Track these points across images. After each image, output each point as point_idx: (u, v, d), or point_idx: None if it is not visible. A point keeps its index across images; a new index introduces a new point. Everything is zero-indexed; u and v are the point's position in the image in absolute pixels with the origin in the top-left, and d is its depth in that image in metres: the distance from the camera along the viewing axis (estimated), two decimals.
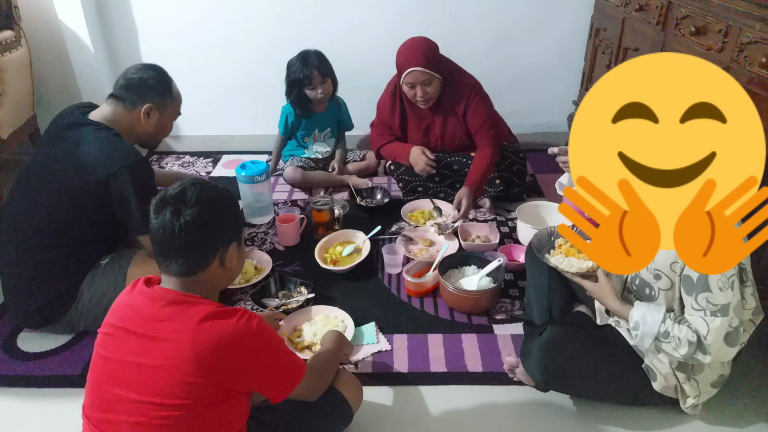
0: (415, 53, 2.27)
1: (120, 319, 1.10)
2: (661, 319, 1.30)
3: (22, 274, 1.73)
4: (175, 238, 1.08)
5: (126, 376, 1.06)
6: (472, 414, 1.56)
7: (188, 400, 1.03)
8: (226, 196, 1.18)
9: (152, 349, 1.04)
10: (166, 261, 1.11)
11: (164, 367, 1.03)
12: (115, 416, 1.06)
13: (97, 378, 1.10)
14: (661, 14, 2.02)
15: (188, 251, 1.10)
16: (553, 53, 2.97)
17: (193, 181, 1.14)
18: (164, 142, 3.23)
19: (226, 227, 1.16)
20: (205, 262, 1.12)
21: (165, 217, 1.08)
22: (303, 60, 2.57)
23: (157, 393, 1.03)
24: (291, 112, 2.73)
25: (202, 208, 1.09)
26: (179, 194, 1.10)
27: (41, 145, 1.78)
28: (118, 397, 1.05)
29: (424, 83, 2.30)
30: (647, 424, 1.51)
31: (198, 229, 1.08)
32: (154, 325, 1.05)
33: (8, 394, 1.64)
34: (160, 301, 1.08)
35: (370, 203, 2.56)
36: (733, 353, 1.29)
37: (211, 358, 1.03)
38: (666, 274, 1.33)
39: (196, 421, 1.06)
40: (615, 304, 1.40)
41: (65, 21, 2.79)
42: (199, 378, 1.03)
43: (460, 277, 1.97)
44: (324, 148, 2.84)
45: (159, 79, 1.78)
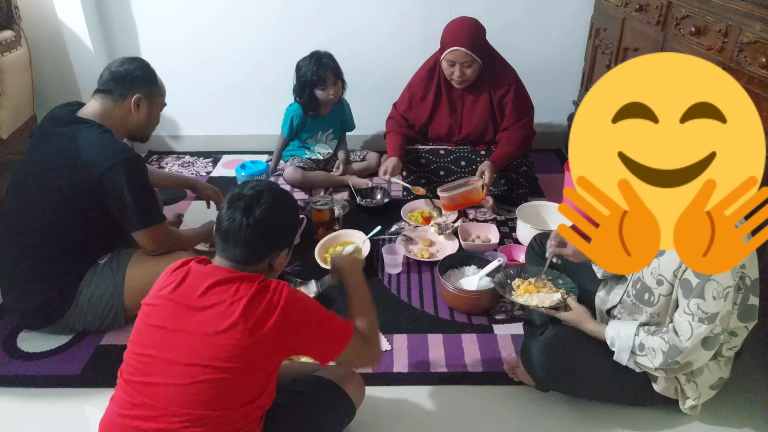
0: (461, 33, 2.30)
1: (170, 292, 1.15)
2: (635, 332, 1.35)
3: (19, 274, 1.73)
4: (239, 233, 1.17)
5: (175, 341, 1.11)
6: (472, 414, 1.56)
7: (236, 363, 1.09)
8: (293, 209, 1.29)
9: (204, 318, 1.11)
10: (225, 247, 1.19)
11: (214, 333, 1.09)
12: (158, 379, 1.11)
13: (140, 344, 1.15)
14: (661, 14, 2.02)
15: (246, 248, 1.18)
16: (553, 53, 2.97)
17: (270, 186, 1.24)
18: (164, 142, 3.25)
19: (285, 236, 1.25)
20: (257, 260, 1.21)
21: (236, 212, 1.17)
22: (317, 61, 2.57)
23: (206, 356, 1.09)
24: (297, 113, 2.72)
25: (270, 214, 1.18)
26: (255, 195, 1.19)
27: (33, 145, 1.77)
28: (166, 361, 1.11)
29: (464, 64, 2.32)
30: (647, 424, 1.51)
31: (260, 231, 1.18)
32: (206, 297, 1.13)
33: (8, 394, 1.64)
34: (213, 276, 1.15)
35: (370, 203, 2.56)
36: (708, 357, 1.31)
37: (259, 321, 1.10)
38: (668, 280, 1.33)
39: (237, 384, 1.11)
40: (592, 326, 1.45)
41: (65, 21, 2.79)
42: (248, 342, 1.09)
43: (460, 277, 1.97)
44: (326, 150, 2.84)
45: (144, 70, 1.79)
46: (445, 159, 2.54)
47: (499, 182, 2.51)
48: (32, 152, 1.75)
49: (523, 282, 1.65)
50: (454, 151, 2.55)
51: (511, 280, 1.69)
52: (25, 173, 1.73)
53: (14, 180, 1.76)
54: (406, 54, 2.90)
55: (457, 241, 2.25)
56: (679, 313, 1.29)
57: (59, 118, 1.72)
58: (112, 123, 1.73)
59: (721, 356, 1.40)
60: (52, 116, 1.75)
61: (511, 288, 1.67)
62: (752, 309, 1.32)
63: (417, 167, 2.58)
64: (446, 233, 2.27)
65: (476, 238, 2.26)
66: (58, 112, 1.75)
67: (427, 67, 2.51)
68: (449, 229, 2.28)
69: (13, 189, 1.75)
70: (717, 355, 1.40)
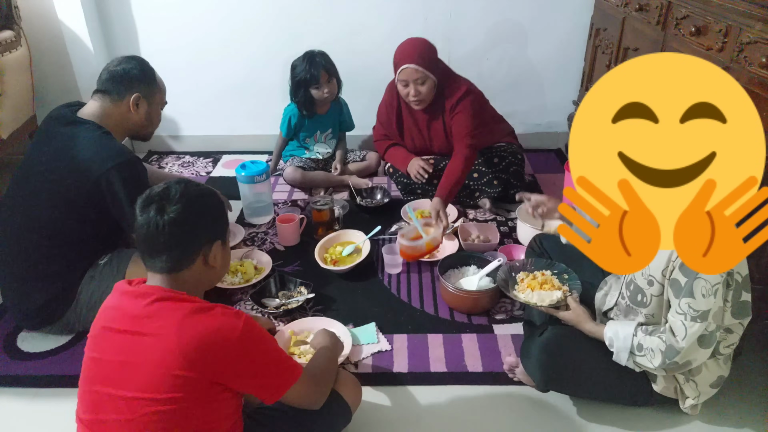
0: (410, 51, 2.29)
1: (106, 320, 1.11)
2: (633, 332, 1.34)
3: (19, 274, 1.73)
4: (159, 235, 1.10)
5: (115, 374, 1.07)
6: (472, 414, 1.56)
7: (178, 393, 1.04)
8: (210, 194, 1.20)
9: (139, 346, 1.05)
10: (151, 258, 1.13)
11: (152, 362, 1.04)
12: (106, 416, 1.07)
13: (87, 379, 1.11)
14: (661, 14, 2.01)
15: (172, 248, 1.11)
16: (553, 53, 2.97)
17: (178, 180, 1.17)
18: (164, 142, 3.25)
19: (210, 225, 1.17)
20: (189, 260, 1.14)
21: (149, 214, 1.10)
22: (309, 60, 2.57)
23: (146, 388, 1.04)
24: (294, 113, 2.73)
25: (185, 206, 1.11)
26: (163, 192, 1.13)
27: (33, 145, 1.77)
28: (109, 396, 1.06)
29: (417, 81, 2.30)
30: (647, 424, 1.51)
31: (181, 226, 1.10)
32: (141, 322, 1.07)
33: (8, 394, 1.64)
34: (146, 297, 1.09)
35: (370, 203, 2.56)
36: (706, 355, 1.30)
37: (196, 352, 1.04)
38: (658, 280, 1.33)
39: (185, 416, 1.06)
40: (590, 327, 1.45)
41: (65, 21, 2.79)
42: (187, 371, 1.04)
43: (460, 277, 1.97)
44: (325, 149, 2.84)
45: (143, 69, 1.79)
46: (437, 167, 2.51)
47: (493, 184, 2.51)
48: (32, 153, 1.75)
49: (527, 275, 1.64)
50: (445, 159, 2.50)
51: (515, 273, 1.68)
52: (26, 173, 1.73)
53: (14, 180, 1.76)
54: None
55: (457, 241, 2.25)
56: (672, 314, 1.29)
57: (59, 119, 1.72)
58: (111, 123, 1.73)
59: (719, 354, 1.40)
60: (52, 116, 1.75)
61: (514, 282, 1.66)
62: (745, 305, 1.33)
63: (409, 178, 2.57)
64: (446, 233, 2.27)
65: (476, 238, 2.26)
66: (58, 112, 1.75)
67: (388, 89, 2.54)
68: (449, 229, 2.28)
69: (13, 189, 1.75)
70: (715, 353, 1.40)
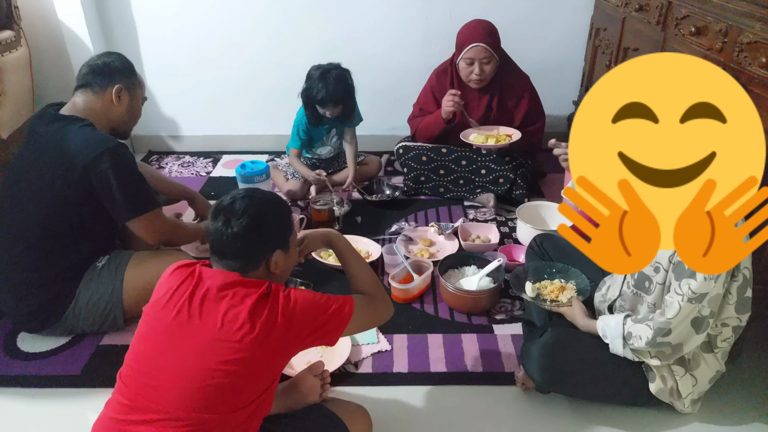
0: (480, 30, 2.34)
1: (173, 294, 1.15)
2: (622, 321, 1.38)
3: (15, 277, 1.72)
4: (226, 245, 1.19)
5: (182, 346, 1.11)
6: (472, 414, 1.56)
7: (241, 367, 1.10)
8: (274, 204, 1.27)
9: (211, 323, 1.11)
10: (220, 260, 1.21)
11: (223, 339, 1.09)
12: (164, 382, 1.10)
13: (147, 347, 1.14)
14: (661, 14, 2.02)
15: (237, 257, 1.20)
16: (553, 53, 2.97)
17: (243, 193, 1.23)
18: (164, 142, 3.25)
19: (272, 237, 1.23)
20: (253, 266, 1.21)
21: (218, 225, 1.19)
22: (322, 77, 2.37)
23: (216, 361, 1.09)
24: (303, 123, 2.59)
25: (248, 221, 1.18)
26: (230, 205, 1.20)
27: (21, 148, 1.77)
28: (172, 364, 1.10)
29: (483, 60, 2.34)
30: (647, 424, 1.51)
31: (244, 239, 1.18)
32: (212, 303, 1.13)
33: (8, 394, 1.64)
34: (219, 279, 1.15)
35: (381, 197, 2.57)
36: (698, 341, 1.33)
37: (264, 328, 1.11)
38: (664, 267, 1.35)
39: (239, 388, 1.10)
40: (583, 322, 1.49)
41: (65, 21, 2.79)
42: (253, 347, 1.10)
43: (460, 277, 1.97)
44: (328, 150, 2.82)
45: (123, 62, 1.79)
46: (447, 158, 2.55)
47: (498, 182, 2.51)
48: (20, 155, 1.75)
49: (551, 283, 1.66)
50: (456, 150, 2.55)
51: (532, 280, 1.68)
52: (15, 176, 1.73)
53: (5, 183, 1.75)
54: (406, 54, 2.90)
55: (457, 241, 2.25)
56: (670, 294, 1.32)
57: (43, 118, 1.71)
58: (94, 116, 1.72)
59: (716, 348, 1.42)
60: (36, 117, 1.74)
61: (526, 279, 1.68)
62: (748, 301, 1.36)
63: (418, 164, 2.58)
64: (446, 233, 2.27)
65: (476, 238, 2.26)
66: (42, 112, 1.74)
67: (439, 70, 2.55)
68: (449, 229, 2.28)
69: (5, 192, 1.75)
70: (713, 347, 1.42)
